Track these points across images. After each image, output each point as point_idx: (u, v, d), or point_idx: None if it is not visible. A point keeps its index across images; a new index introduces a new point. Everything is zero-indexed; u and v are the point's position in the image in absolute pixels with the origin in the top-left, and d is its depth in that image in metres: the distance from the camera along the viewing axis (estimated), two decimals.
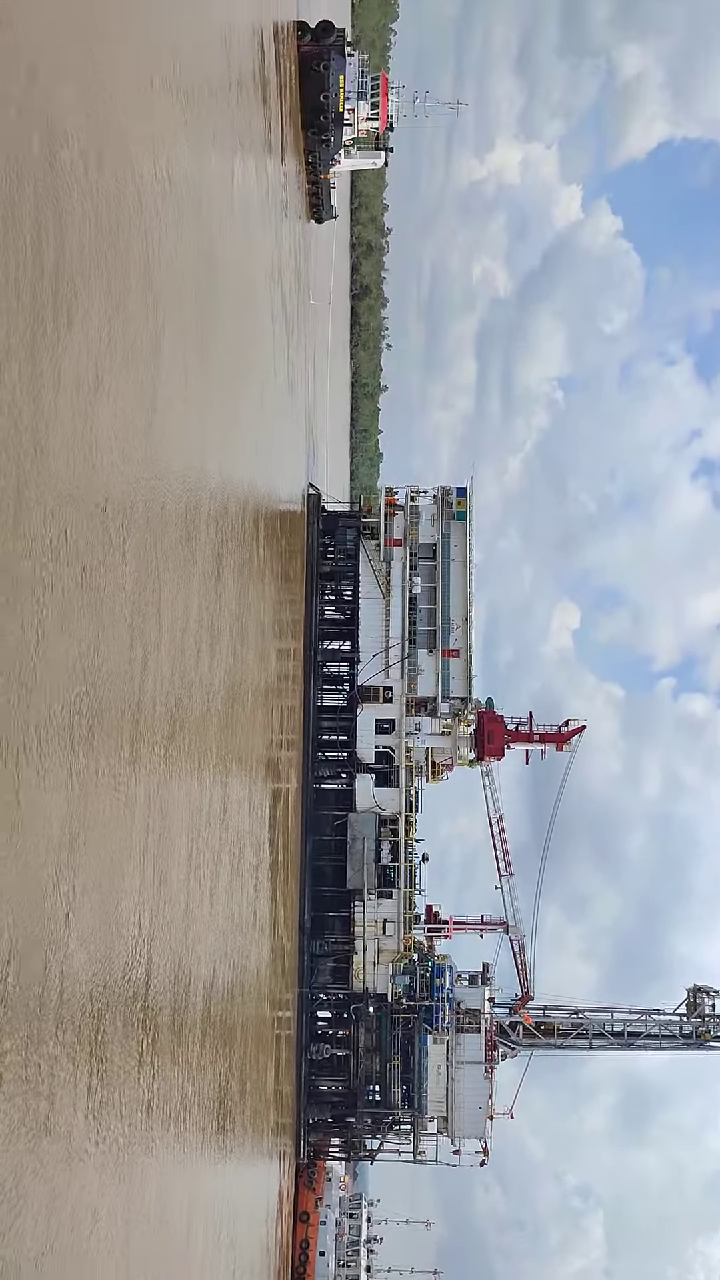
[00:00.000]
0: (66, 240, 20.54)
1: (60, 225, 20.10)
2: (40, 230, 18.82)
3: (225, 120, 47.14)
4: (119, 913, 25.38)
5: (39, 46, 19.28)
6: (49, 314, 19.55)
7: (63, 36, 20.91)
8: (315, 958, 79.74)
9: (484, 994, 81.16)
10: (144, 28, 29.83)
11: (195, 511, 37.36)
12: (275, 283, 69.64)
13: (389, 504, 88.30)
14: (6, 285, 17.52)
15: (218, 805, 42.66)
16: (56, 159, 19.91)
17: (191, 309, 36.91)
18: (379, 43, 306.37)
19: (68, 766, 20.89)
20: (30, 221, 18.37)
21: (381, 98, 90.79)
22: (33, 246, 18.46)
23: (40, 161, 18.95)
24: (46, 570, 19.54)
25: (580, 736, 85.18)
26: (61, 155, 20.30)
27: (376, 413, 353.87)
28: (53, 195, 19.69)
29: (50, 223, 19.49)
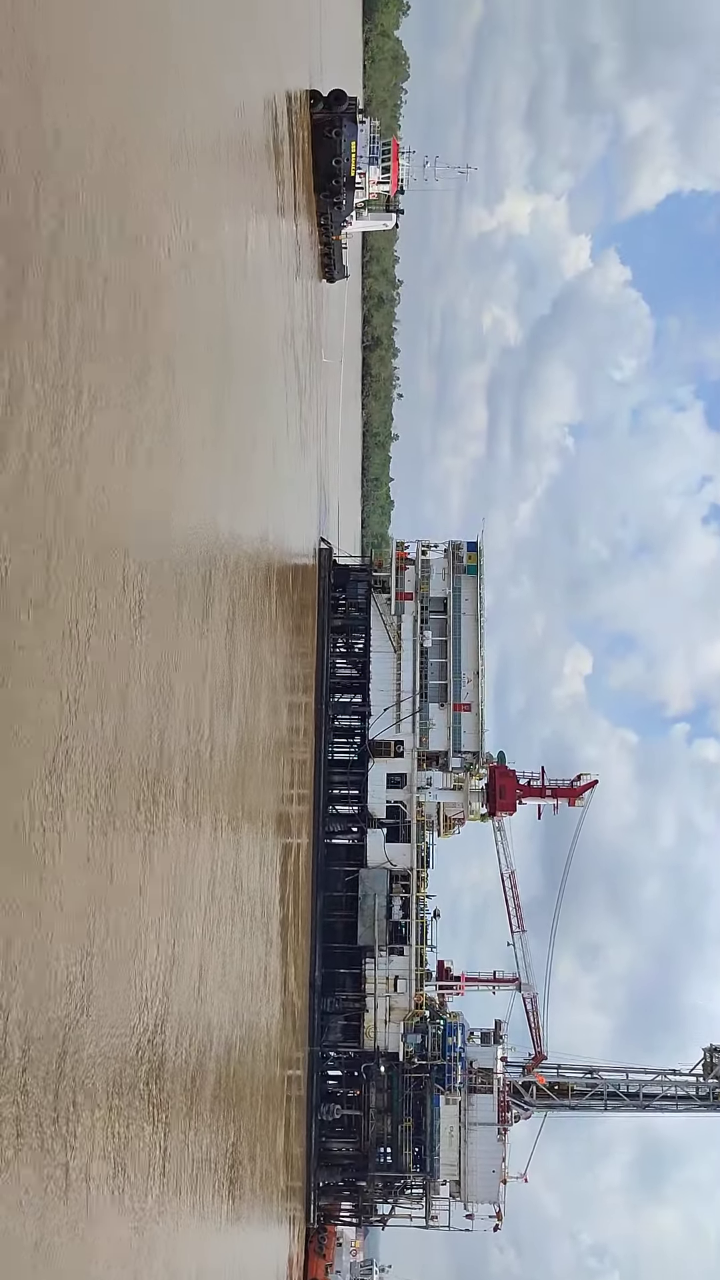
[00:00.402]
0: (81, 305, 21.03)
1: (75, 290, 20.59)
2: (54, 296, 19.27)
3: (240, 186, 48.27)
4: (130, 973, 25.33)
5: (63, 113, 19.89)
6: (64, 378, 19.97)
7: (85, 106, 21.57)
8: (326, 1015, 78.93)
9: (497, 1053, 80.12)
10: (164, 99, 30.71)
11: (209, 570, 37.75)
12: (288, 345, 70.77)
13: (399, 558, 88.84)
14: (24, 347, 17.92)
15: (230, 863, 42.61)
16: (72, 225, 20.45)
17: (206, 373, 37.60)
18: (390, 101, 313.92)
19: (79, 824, 20.98)
20: (45, 287, 18.82)
21: (393, 162, 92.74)
22: (46, 310, 18.88)
23: (55, 227, 19.47)
24: (60, 628, 19.79)
25: (593, 791, 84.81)
26: (78, 222, 20.85)
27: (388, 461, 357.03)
28: (68, 262, 20.19)
29: (65, 288, 19.97)
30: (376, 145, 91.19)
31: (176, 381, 31.00)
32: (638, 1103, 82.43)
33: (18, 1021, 17.58)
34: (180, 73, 33.46)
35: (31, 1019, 18.19)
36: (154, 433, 27.98)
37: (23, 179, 17.72)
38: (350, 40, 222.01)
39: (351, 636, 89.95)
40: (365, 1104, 77.74)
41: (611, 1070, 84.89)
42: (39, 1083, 18.64)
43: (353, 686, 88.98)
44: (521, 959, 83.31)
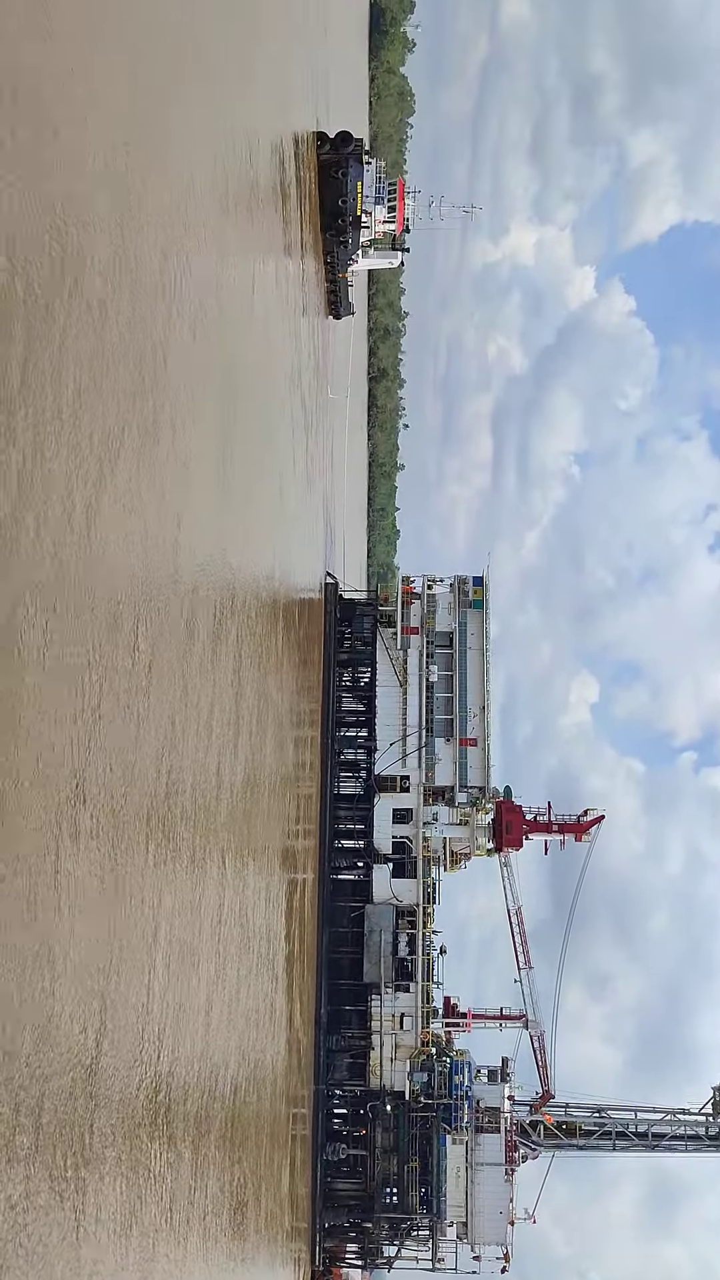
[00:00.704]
0: (88, 344, 21.33)
1: (82, 330, 20.88)
2: (61, 335, 19.52)
3: (249, 227, 48.94)
4: (135, 1011, 25.31)
5: (71, 153, 20.26)
6: (71, 417, 20.21)
7: (94, 147, 21.99)
8: (332, 1053, 78.30)
9: (504, 1091, 79.35)
10: (173, 140, 31.24)
11: (217, 607, 37.99)
12: (295, 384, 71.41)
13: (405, 592, 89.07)
14: (32, 383, 18.15)
15: (236, 900, 42.55)
16: (80, 265, 20.78)
17: (213, 413, 37.99)
18: (395, 136, 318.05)
19: (87, 861, 21.05)
20: (52, 326, 19.07)
21: (398, 202, 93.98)
22: (53, 349, 19.12)
23: (64, 266, 19.79)
24: (68, 667, 19.93)
25: (599, 826, 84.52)
26: (86, 262, 21.19)
27: (394, 491, 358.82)
28: (76, 301, 20.48)
29: (73, 327, 20.25)
30: (382, 185, 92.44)
31: (184, 420, 31.34)
32: (646, 1143, 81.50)
33: (25, 1062, 17.58)
34: (189, 114, 34.06)
35: (38, 1058, 18.18)
36: (162, 472, 28.28)
37: (32, 218, 18.02)
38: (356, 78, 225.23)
39: (358, 671, 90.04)
40: (371, 1143, 76.96)
41: (620, 1109, 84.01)
42: (46, 1122, 18.61)
43: (359, 721, 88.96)
44: (529, 996, 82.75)
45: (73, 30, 20.44)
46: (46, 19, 18.86)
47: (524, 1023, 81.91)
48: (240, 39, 47.76)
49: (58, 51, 19.52)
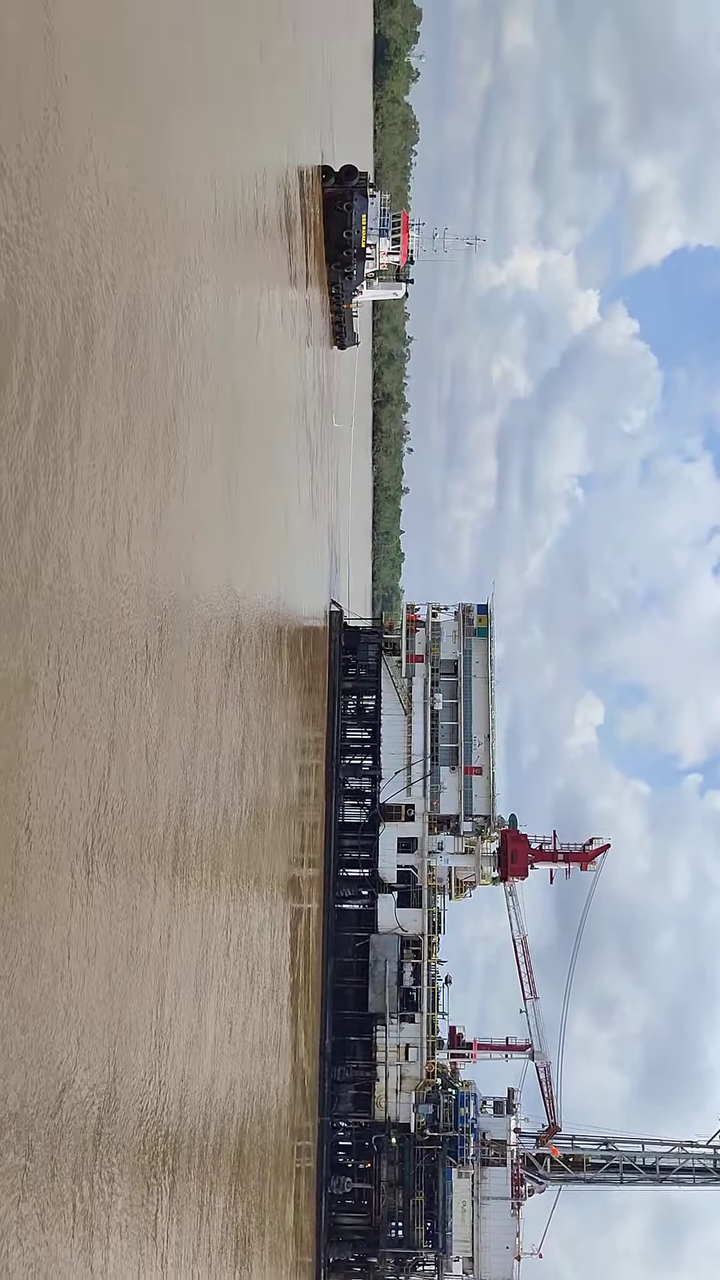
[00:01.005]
0: (95, 376, 21.56)
1: (90, 362, 21.13)
2: (69, 367, 19.76)
3: (256, 260, 49.51)
4: (140, 1043, 25.29)
5: (81, 187, 20.55)
6: (78, 450, 20.41)
7: (103, 182, 22.32)
8: (336, 1084, 77.72)
9: (510, 1124, 78.69)
10: (183, 175, 31.66)
11: (223, 639, 38.15)
12: (300, 415, 71.90)
13: (410, 620, 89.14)
14: (41, 416, 18.34)
15: (242, 930, 42.47)
16: (88, 298, 21.04)
17: (219, 445, 38.29)
18: (400, 164, 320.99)
19: (90, 892, 21.12)
20: (62, 359, 19.31)
21: (402, 234, 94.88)
22: (61, 381, 19.32)
23: (73, 299, 20.05)
24: (75, 693, 20.01)
25: (605, 855, 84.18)
26: (95, 294, 21.48)
27: (398, 514, 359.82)
28: (84, 334, 20.72)
29: (80, 360, 20.49)
30: (387, 217, 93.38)
31: (191, 453, 31.62)
32: (654, 1176, 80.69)
33: (26, 1096, 17.54)
34: (197, 151, 34.54)
35: (43, 1092, 18.16)
36: (170, 506, 28.50)
37: (41, 251, 18.25)
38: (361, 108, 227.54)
39: (363, 699, 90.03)
40: (376, 1177, 76.25)
41: (627, 1141, 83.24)
42: (51, 1151, 18.57)
43: (363, 748, 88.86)
44: (534, 1026, 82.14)
45: (81, 68, 20.79)
46: (56, 56, 19.19)
47: (530, 1054, 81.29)
48: (247, 76, 48.49)
49: (67, 91, 19.84)
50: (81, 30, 20.77)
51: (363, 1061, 78.96)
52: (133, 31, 25.41)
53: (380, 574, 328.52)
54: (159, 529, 27.10)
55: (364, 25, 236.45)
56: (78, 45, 20.40)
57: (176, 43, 31.55)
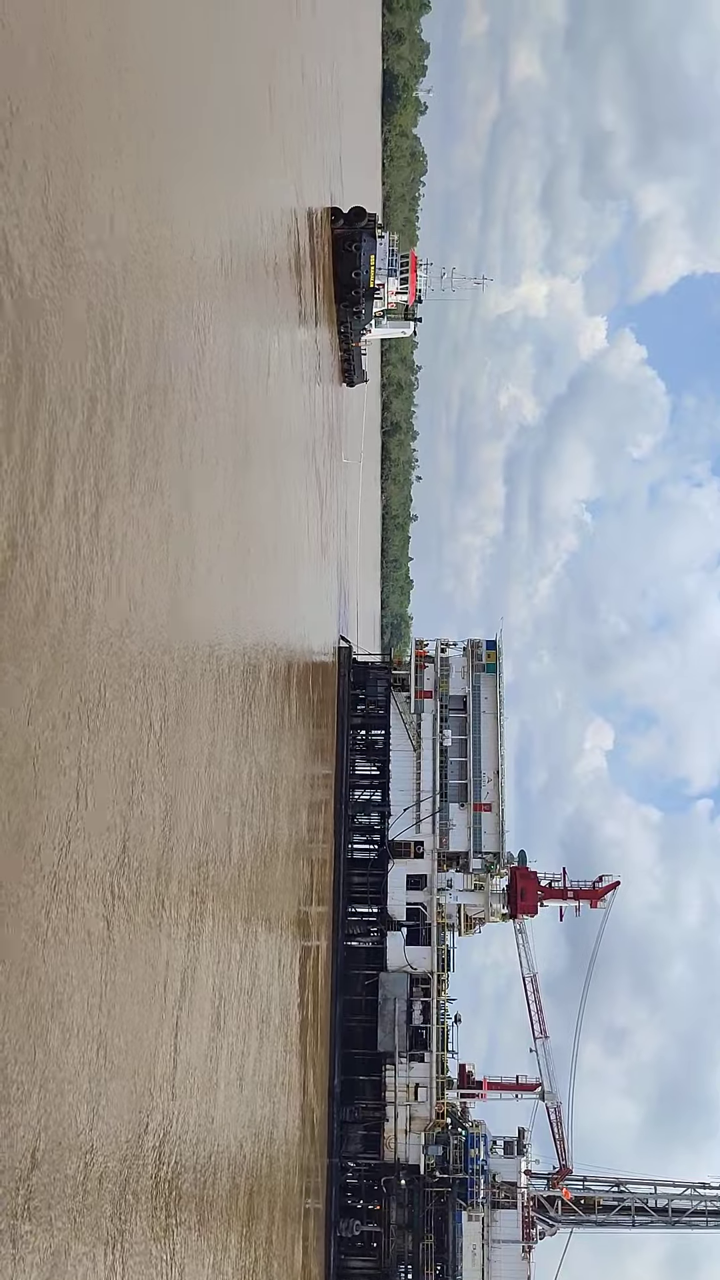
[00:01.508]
0: (106, 419, 21.92)
1: (100, 404, 21.48)
2: (78, 408, 20.04)
3: (265, 302, 50.18)
4: (147, 1081, 25.28)
5: (93, 230, 20.95)
6: (88, 490, 20.72)
7: (115, 224, 22.74)
8: (345, 1125, 77.16)
9: (520, 1165, 77.99)
10: (196, 221, 32.26)
11: (232, 678, 38.43)
12: (309, 455, 72.49)
13: (419, 656, 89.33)
14: (50, 456, 18.61)
15: (250, 968, 42.42)
16: (100, 340, 21.39)
17: (230, 485, 38.74)
18: (408, 195, 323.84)
19: (97, 929, 21.21)
20: (71, 397, 19.58)
21: (411, 274, 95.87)
22: (70, 419, 19.57)
23: (85, 341, 20.40)
24: (82, 730, 20.22)
25: (615, 893, 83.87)
26: (106, 337, 21.84)
27: (407, 541, 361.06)
28: (95, 374, 21.05)
29: (91, 400, 20.83)
30: (395, 257, 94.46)
31: (201, 497, 32.01)
32: (666, 1219, 79.82)
33: (31, 1133, 17.60)
34: (210, 195, 35.15)
35: (46, 1128, 18.22)
36: (179, 545, 28.79)
37: (53, 298, 18.58)
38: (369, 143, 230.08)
39: (371, 734, 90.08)
40: (385, 1220, 75.54)
41: (639, 1183, 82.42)
42: (62, 1194, 18.59)
43: (373, 784, 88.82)
44: (545, 1067, 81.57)
45: (95, 112, 21.21)
46: (71, 103, 19.58)
47: (540, 1094, 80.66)
48: (257, 119, 49.29)
49: (82, 136, 20.22)
50: (90, 73, 21.17)
51: (372, 1101, 78.44)
52: (142, 76, 25.87)
53: (389, 601, 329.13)
54: (168, 573, 27.44)
55: (372, 61, 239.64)
56: (86, 85, 20.80)
57: (186, 87, 32.12)
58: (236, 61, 42.36)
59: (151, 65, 26.75)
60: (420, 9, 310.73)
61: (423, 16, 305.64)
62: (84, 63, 20.62)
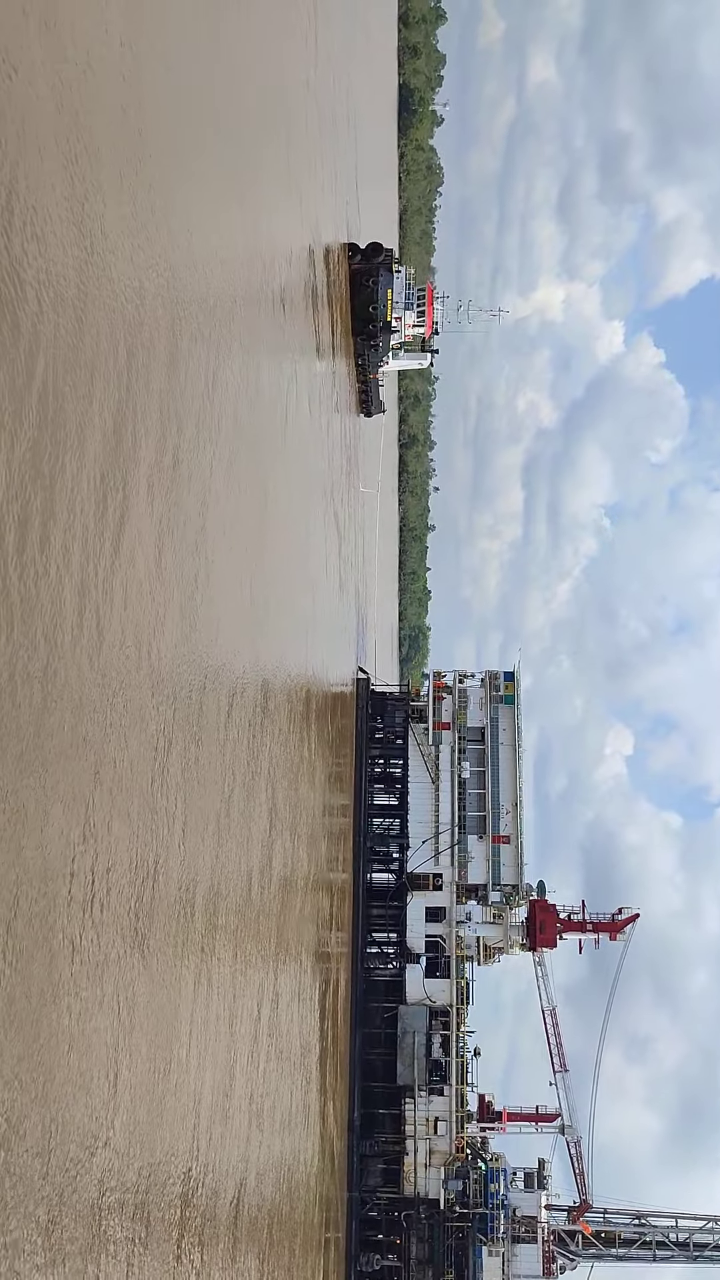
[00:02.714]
0: (128, 457, 22.42)
1: (121, 440, 21.96)
2: (95, 443, 20.39)
3: (285, 336, 51.16)
4: (169, 1113, 25.62)
5: (117, 279, 21.50)
6: (112, 530, 21.18)
7: (160, 262, 23.40)
8: (365, 1158, 77.35)
9: (540, 1200, 78.03)
10: (221, 258, 33.01)
11: (253, 709, 39.17)
12: (327, 483, 73.05)
13: (437, 687, 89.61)
14: (70, 492, 19.02)
15: (270, 1001, 42.80)
16: (124, 379, 21.93)
17: (252, 519, 39.65)
18: (424, 208, 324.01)
19: (122, 964, 21.66)
20: (92, 431, 20.01)
21: (427, 307, 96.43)
22: (88, 455, 19.94)
23: (110, 377, 20.89)
24: (111, 769, 20.72)
25: (634, 925, 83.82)
26: (130, 376, 22.37)
27: (425, 552, 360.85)
28: (118, 410, 21.54)
29: (112, 435, 21.30)
30: (412, 291, 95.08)
31: (220, 535, 32.69)
32: (688, 1253, 79.64)
33: (55, 1160, 17.95)
34: (231, 235, 35.86)
35: (69, 1159, 18.56)
36: (199, 588, 29.43)
37: (72, 330, 19.02)
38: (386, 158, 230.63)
39: (390, 765, 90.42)
40: (405, 1254, 75.70)
41: (660, 1216, 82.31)
42: (86, 1226, 18.98)
43: (390, 815, 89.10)
44: (564, 1100, 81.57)
45: (112, 152, 21.65)
46: (84, 136, 19.99)
47: (560, 1128, 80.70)
48: (275, 156, 49.94)
49: (98, 173, 20.64)
50: (110, 114, 21.57)
51: (391, 1135, 78.59)
52: (165, 119, 26.35)
53: (407, 613, 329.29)
54: (189, 613, 28.00)
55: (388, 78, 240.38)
56: (107, 126, 21.20)
57: (207, 129, 32.69)
58: (252, 93, 42.87)
59: (169, 99, 27.11)
60: (437, 21, 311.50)
61: (439, 28, 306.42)
62: (102, 93, 20.93)
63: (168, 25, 27.23)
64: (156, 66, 25.47)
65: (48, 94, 17.87)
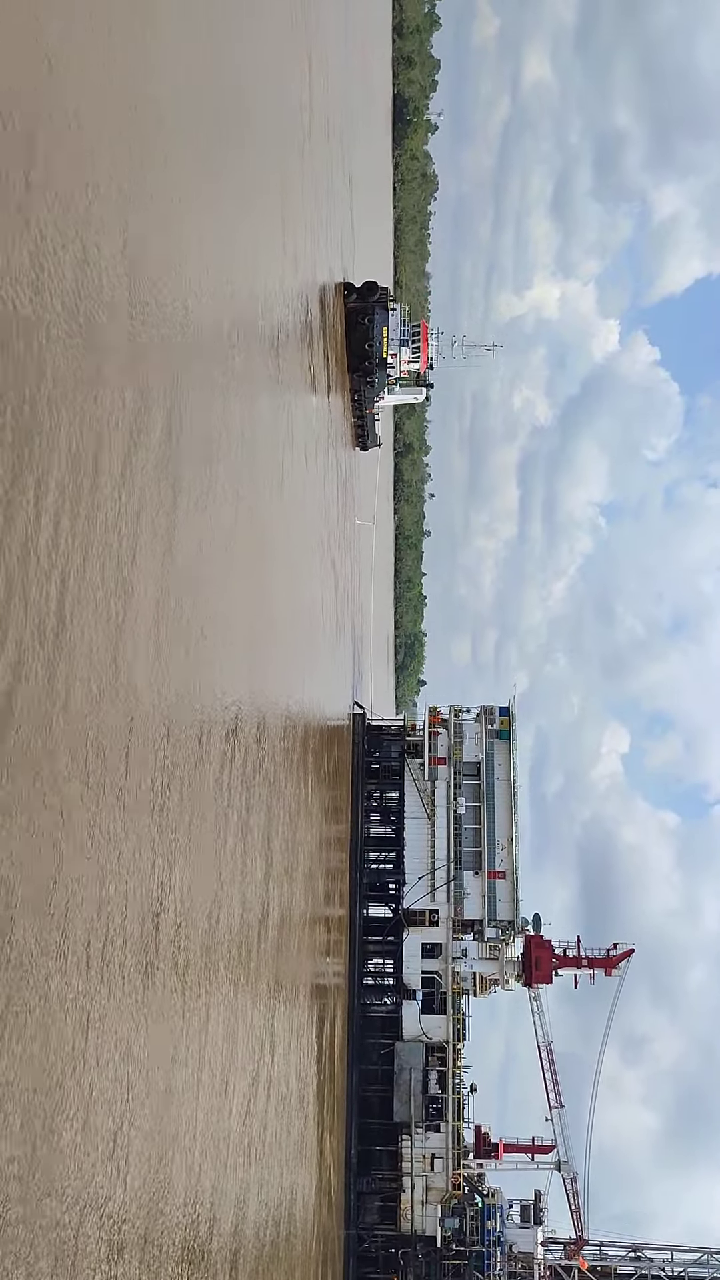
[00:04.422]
0: (135, 496, 22.92)
1: (130, 477, 22.48)
2: (102, 488, 20.85)
3: (282, 376, 51.82)
4: (166, 1151, 25.77)
5: (122, 320, 21.91)
6: (116, 577, 21.70)
7: (160, 315, 23.88)
8: (362, 1195, 77.70)
9: (537, 1235, 78.51)
10: (220, 303, 33.72)
11: (250, 748, 39.70)
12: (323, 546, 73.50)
13: (433, 722, 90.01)
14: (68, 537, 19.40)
15: (267, 1035, 43.06)
16: (127, 426, 22.38)
17: (248, 563, 40.23)
18: (419, 219, 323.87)
19: (119, 1001, 21.95)
20: (96, 477, 20.43)
21: (422, 343, 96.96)
22: (91, 498, 20.35)
23: (116, 420, 21.38)
24: (106, 806, 21.08)
25: (629, 961, 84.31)
26: (139, 412, 22.91)
27: (420, 558, 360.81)
28: (116, 463, 21.99)
29: (127, 473, 21.84)
30: (407, 328, 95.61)
31: (219, 580, 33.31)
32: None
33: (53, 1196, 18.25)
34: (232, 277, 36.48)
35: (68, 1190, 18.83)
36: (200, 638, 30.01)
37: (75, 373, 19.45)
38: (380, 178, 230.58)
39: (385, 798, 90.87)
40: None
41: (656, 1248, 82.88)
42: (82, 1261, 19.24)
43: (386, 845, 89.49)
44: (560, 1135, 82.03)
45: (116, 195, 22.00)
46: (90, 174, 20.43)
47: (556, 1165, 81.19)
48: (270, 199, 50.35)
49: (97, 209, 20.95)
50: (110, 156, 21.88)
51: (388, 1172, 78.95)
52: (159, 159, 26.59)
53: (403, 621, 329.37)
54: (190, 660, 28.47)
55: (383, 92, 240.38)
56: (104, 163, 21.48)
57: (199, 168, 32.98)
58: (246, 128, 43.21)
59: (162, 137, 27.32)
60: (431, 27, 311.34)
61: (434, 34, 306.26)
62: (100, 128, 21.20)
63: (160, 59, 27.29)
64: (151, 105, 25.67)
65: (43, 126, 18.06)
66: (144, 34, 25.47)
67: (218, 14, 36.12)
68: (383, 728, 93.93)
